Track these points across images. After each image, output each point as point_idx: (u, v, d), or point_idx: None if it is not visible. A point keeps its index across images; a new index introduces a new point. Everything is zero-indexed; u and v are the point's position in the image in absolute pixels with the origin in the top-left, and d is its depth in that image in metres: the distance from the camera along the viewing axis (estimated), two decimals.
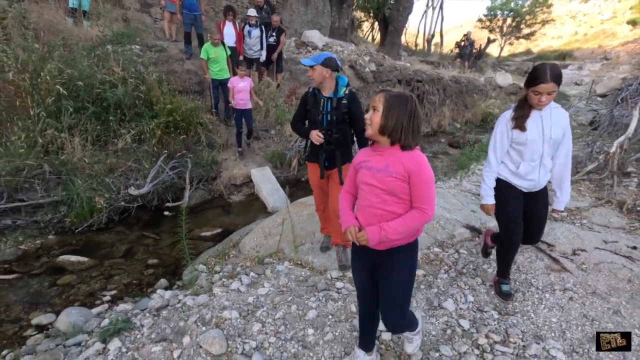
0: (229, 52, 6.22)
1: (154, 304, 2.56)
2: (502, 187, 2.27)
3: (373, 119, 1.45)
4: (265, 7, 7.93)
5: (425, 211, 1.44)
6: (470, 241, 3.39)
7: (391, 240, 1.49)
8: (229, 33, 6.59)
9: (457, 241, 3.36)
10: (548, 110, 2.07)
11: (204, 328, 2.18)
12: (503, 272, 2.49)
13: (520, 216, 2.26)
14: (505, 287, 2.48)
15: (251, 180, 5.70)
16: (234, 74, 6.22)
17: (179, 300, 2.60)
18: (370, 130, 1.47)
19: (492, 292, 2.54)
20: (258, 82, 7.20)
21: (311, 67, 2.48)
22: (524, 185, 2.22)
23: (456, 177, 5.48)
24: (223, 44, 6.14)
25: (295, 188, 6.00)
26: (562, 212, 2.28)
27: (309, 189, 6.19)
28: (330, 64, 2.46)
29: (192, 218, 4.79)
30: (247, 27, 6.78)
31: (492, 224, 3.67)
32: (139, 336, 2.19)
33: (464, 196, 4.44)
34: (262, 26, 6.94)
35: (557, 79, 1.94)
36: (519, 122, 2.09)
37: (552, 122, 2.06)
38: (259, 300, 2.46)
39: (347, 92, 2.56)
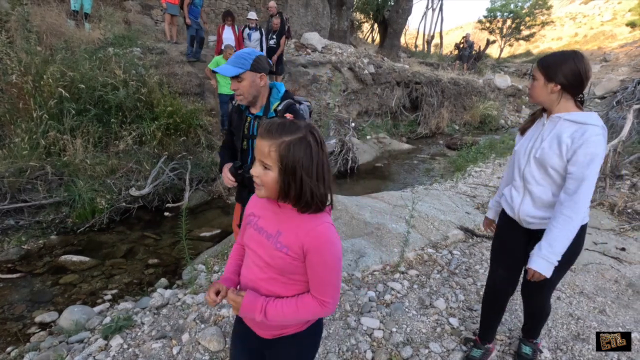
0: None
1: (154, 303, 2.63)
2: (501, 213, 1.85)
3: (265, 180, 0.98)
4: (276, 15, 8.01)
5: (325, 305, 1.03)
6: (464, 242, 3.48)
7: (270, 327, 1.10)
8: (229, 37, 6.64)
9: (451, 242, 3.44)
10: (556, 119, 1.51)
11: (202, 325, 2.25)
12: (480, 327, 2.01)
13: (506, 256, 1.79)
14: (474, 352, 1.97)
15: None
16: None
17: (179, 299, 2.67)
18: (262, 193, 1.01)
19: (482, 292, 2.61)
20: None
21: (236, 77, 1.70)
22: (505, 206, 1.75)
23: (452, 179, 5.55)
24: None
25: None
26: (538, 275, 1.50)
27: None
28: (262, 64, 1.73)
29: (192, 219, 4.87)
30: (247, 30, 6.86)
31: None
32: (139, 333, 2.26)
33: (459, 198, 4.52)
34: (262, 29, 7.03)
35: (544, 65, 1.49)
36: (523, 125, 1.71)
37: (549, 136, 1.51)
38: None
39: (280, 107, 1.75)
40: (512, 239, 1.72)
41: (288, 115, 1.16)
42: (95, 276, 3.45)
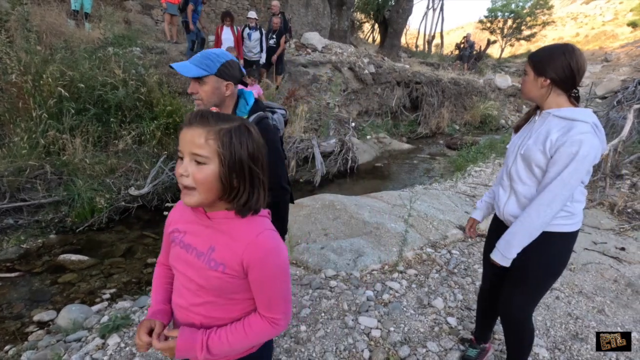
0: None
1: None
2: (494, 215, 1.78)
3: (200, 178, 0.80)
4: (279, 15, 8.08)
5: (276, 323, 0.91)
6: (463, 242, 3.47)
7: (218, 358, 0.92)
8: (227, 38, 6.63)
9: (450, 242, 3.43)
10: (545, 115, 1.44)
11: None
12: (476, 327, 2.02)
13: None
14: (470, 352, 1.98)
15: None
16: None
17: None
18: (197, 197, 0.82)
19: None
20: (257, 83, 7.29)
21: (197, 79, 1.41)
22: (495, 205, 1.70)
23: (452, 179, 5.54)
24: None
25: (293, 189, 6.08)
26: (497, 263, 1.52)
27: (307, 189, 6.27)
28: (232, 72, 1.46)
29: None
30: (246, 30, 6.86)
31: (484, 225, 3.73)
32: None
33: (459, 198, 4.51)
34: (262, 28, 7.03)
35: (534, 60, 1.43)
36: (518, 122, 1.64)
37: (537, 132, 1.45)
38: None
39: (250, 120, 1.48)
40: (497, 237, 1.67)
41: (213, 108, 1.00)
42: (94, 275, 3.45)
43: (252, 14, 6.96)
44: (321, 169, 6.19)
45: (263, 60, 7.20)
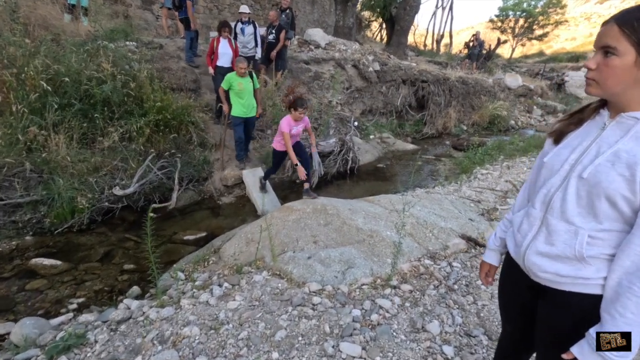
0: (257, 85, 5.33)
1: (115, 317, 2.37)
2: (507, 255, 1.28)
3: None
4: (287, 11, 7.80)
5: None
6: (466, 253, 3.15)
7: None
8: (225, 52, 5.92)
9: (451, 253, 3.12)
10: (630, 122, 0.92)
11: (159, 347, 1.98)
12: None
13: (507, 310, 1.34)
14: None
15: (243, 182, 5.51)
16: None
17: (143, 313, 2.41)
18: None
19: (483, 313, 2.29)
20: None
21: None
22: (509, 241, 1.21)
23: (457, 182, 5.21)
24: (251, 74, 5.26)
25: (289, 190, 5.81)
26: None
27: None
28: None
29: (179, 220, 4.62)
30: (239, 25, 6.57)
31: (489, 233, 3.41)
32: (89, 354, 2.00)
33: (462, 203, 4.18)
34: (255, 22, 6.73)
35: (629, 19, 0.87)
36: (560, 126, 1.09)
37: (615, 147, 0.92)
38: (226, 316, 2.25)
39: None
40: (513, 290, 1.22)
41: None
42: (65, 282, 3.21)
43: (244, 8, 6.64)
44: (319, 170, 5.88)
45: (259, 55, 6.91)
